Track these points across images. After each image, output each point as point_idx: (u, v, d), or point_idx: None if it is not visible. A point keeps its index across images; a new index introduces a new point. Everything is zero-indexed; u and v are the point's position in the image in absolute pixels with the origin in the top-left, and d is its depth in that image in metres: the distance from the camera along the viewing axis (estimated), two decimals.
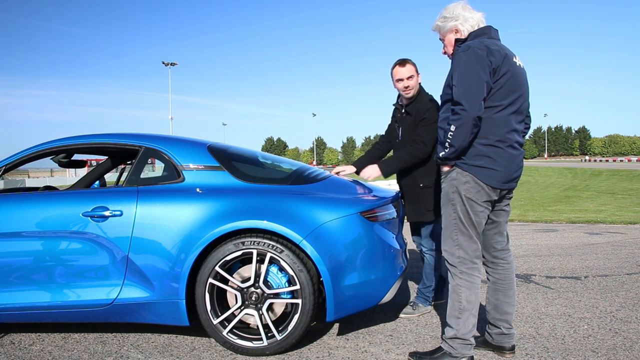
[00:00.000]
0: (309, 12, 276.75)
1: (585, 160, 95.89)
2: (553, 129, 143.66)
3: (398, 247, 2.99)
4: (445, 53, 2.68)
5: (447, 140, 2.42)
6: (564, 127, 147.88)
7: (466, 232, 2.49)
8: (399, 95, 3.47)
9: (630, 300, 3.69)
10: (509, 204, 2.69)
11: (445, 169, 2.54)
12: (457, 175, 2.48)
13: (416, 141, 3.24)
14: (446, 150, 2.45)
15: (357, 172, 3.56)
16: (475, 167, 2.44)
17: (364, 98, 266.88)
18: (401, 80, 3.31)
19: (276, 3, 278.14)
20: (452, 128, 2.39)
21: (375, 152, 3.70)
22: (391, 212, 3.03)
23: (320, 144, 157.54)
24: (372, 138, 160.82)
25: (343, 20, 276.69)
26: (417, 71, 3.35)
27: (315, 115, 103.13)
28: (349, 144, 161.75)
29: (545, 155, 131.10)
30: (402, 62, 3.33)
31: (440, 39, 2.67)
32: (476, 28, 2.54)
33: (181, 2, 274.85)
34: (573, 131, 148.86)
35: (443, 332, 2.62)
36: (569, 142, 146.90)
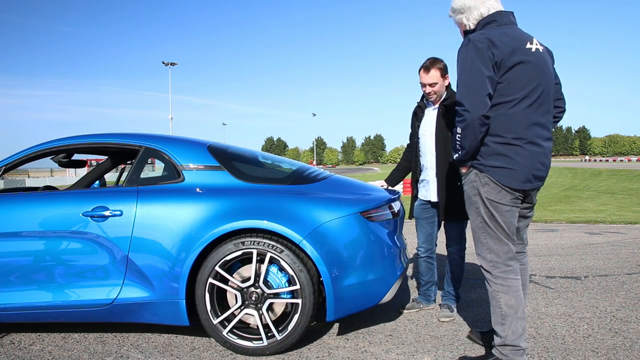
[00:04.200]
0: (309, 12, 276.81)
1: (585, 160, 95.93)
2: (553, 129, 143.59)
3: (398, 247, 2.99)
4: None
5: (457, 142, 2.33)
6: (564, 127, 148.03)
7: (494, 235, 2.38)
8: (424, 96, 3.45)
9: (630, 300, 3.69)
10: (532, 210, 2.58)
11: (463, 170, 2.46)
12: (475, 177, 2.39)
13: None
14: (458, 153, 2.36)
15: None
16: (492, 167, 2.32)
17: (364, 98, 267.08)
18: (424, 85, 3.30)
19: (276, 3, 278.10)
20: (459, 130, 2.29)
21: (405, 163, 3.64)
22: (391, 212, 3.02)
23: (320, 143, 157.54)
24: (372, 138, 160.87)
25: (343, 20, 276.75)
26: (443, 75, 3.27)
27: (315, 115, 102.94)
28: (349, 144, 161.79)
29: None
30: (426, 68, 3.26)
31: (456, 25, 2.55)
32: (485, 16, 2.38)
33: (181, 2, 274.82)
34: (573, 131, 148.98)
35: (492, 339, 2.53)
36: (569, 142, 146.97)
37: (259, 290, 2.77)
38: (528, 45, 2.32)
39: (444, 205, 3.29)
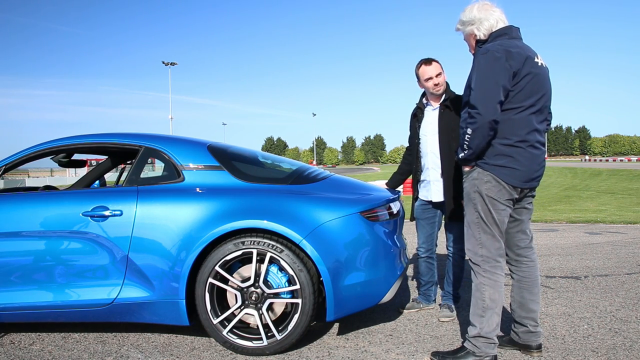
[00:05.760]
0: (309, 12, 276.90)
1: (585, 160, 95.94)
2: (553, 129, 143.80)
3: (398, 247, 2.99)
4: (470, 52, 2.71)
5: (465, 142, 2.45)
6: (564, 127, 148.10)
7: (489, 231, 2.51)
8: (423, 95, 3.44)
9: (630, 300, 3.69)
10: (531, 202, 2.70)
11: (466, 169, 2.57)
12: (478, 175, 2.51)
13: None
14: (465, 152, 2.48)
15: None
16: (497, 166, 2.47)
17: (364, 98, 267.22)
18: (430, 78, 3.29)
19: (276, 3, 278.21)
20: (469, 131, 2.42)
21: (406, 166, 3.62)
22: (391, 212, 3.02)
23: (320, 143, 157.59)
24: (372, 138, 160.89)
25: (343, 20, 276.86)
26: (442, 68, 3.34)
27: (315, 115, 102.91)
28: (349, 144, 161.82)
29: (546, 155, 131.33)
30: (427, 61, 3.32)
31: (464, 39, 2.70)
32: (495, 29, 2.54)
33: (181, 2, 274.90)
34: (573, 131, 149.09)
35: (466, 332, 2.60)
36: (569, 142, 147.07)
37: (259, 290, 2.77)
38: (536, 59, 2.51)
39: (451, 206, 3.26)
